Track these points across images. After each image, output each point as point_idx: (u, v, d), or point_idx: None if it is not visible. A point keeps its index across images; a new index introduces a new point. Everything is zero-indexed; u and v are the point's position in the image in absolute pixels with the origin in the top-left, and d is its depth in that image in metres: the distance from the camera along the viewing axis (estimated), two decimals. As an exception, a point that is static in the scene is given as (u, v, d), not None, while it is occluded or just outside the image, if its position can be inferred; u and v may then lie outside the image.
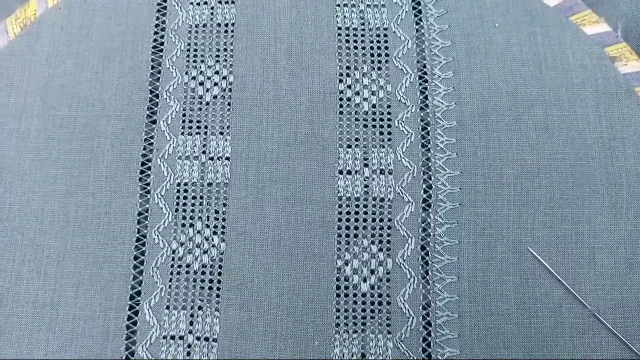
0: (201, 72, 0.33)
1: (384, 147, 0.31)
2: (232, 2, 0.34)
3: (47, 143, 0.32)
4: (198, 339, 0.29)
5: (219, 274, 0.30)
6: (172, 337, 0.29)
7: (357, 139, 0.31)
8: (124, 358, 0.29)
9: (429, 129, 0.31)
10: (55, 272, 0.31)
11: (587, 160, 0.30)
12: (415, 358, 0.29)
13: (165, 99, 0.33)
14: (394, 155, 0.31)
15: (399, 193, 0.31)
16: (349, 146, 0.31)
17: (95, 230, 0.31)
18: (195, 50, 0.33)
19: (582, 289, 0.29)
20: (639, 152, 0.31)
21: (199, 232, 0.31)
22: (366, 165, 0.31)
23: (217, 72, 0.33)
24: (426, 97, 0.32)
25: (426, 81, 0.32)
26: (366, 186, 0.31)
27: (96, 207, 0.31)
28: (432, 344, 0.29)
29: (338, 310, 0.29)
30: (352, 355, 0.29)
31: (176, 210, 0.31)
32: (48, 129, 0.33)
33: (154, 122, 0.32)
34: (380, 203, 0.31)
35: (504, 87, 0.32)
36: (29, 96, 0.33)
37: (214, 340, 0.29)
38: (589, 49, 0.32)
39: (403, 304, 0.29)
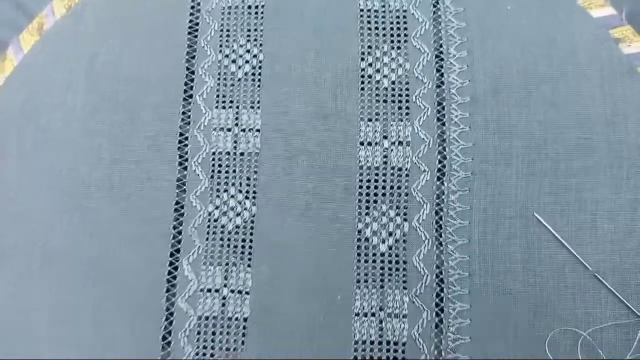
0: (233, 50, 0.37)
1: (402, 120, 0.35)
2: (263, -14, 0.38)
3: (92, 115, 0.36)
4: (232, 291, 0.33)
5: (251, 234, 0.34)
6: (209, 290, 0.34)
7: (377, 113, 0.35)
8: (164, 309, 0.33)
9: (444, 104, 0.35)
10: (101, 232, 0.35)
11: (591, 134, 0.34)
12: (429, 311, 0.32)
13: (201, 75, 0.36)
14: (412, 128, 0.35)
15: (415, 163, 0.34)
16: (370, 120, 0.35)
17: (138, 194, 0.35)
18: (228, 30, 0.37)
19: (584, 251, 0.32)
20: (639, 127, 0.34)
21: (232, 196, 0.35)
22: (385, 137, 0.35)
23: (248, 51, 0.37)
24: (442, 75, 0.35)
25: (442, 60, 0.36)
26: (385, 156, 0.34)
27: (139, 174, 0.35)
28: (444, 299, 0.33)
29: (359, 268, 0.33)
30: (372, 309, 0.33)
31: (212, 176, 0.35)
32: (93, 102, 0.36)
33: (191, 96, 0.36)
34: (398, 172, 0.34)
35: (515, 66, 0.35)
36: (74, 72, 0.37)
37: (247, 293, 0.33)
38: (595, 31, 0.35)
39: (418, 263, 0.33)
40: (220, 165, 0.35)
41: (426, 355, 0.32)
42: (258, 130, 0.35)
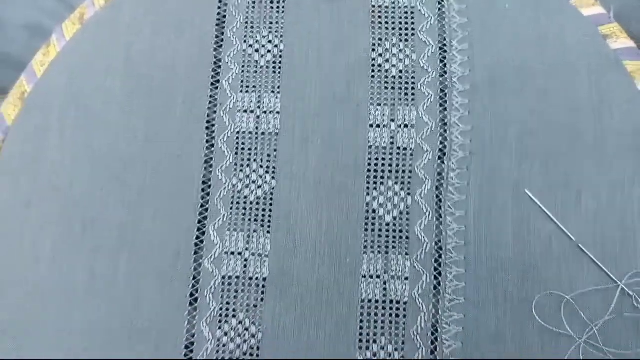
0: (257, 41, 0.41)
1: (408, 105, 0.39)
2: (284, -17, 0.42)
3: (129, 98, 0.41)
4: (253, 255, 0.38)
5: (270, 204, 0.39)
6: (232, 253, 0.38)
7: (385, 99, 0.40)
8: (192, 269, 0.38)
9: (446, 91, 0.39)
10: (136, 202, 0.39)
11: (578, 121, 0.38)
12: (428, 275, 0.37)
13: (227, 63, 0.41)
14: (416, 112, 0.39)
15: (419, 144, 0.39)
16: (379, 104, 0.39)
17: (169, 169, 0.39)
18: (252, 22, 0.42)
19: (569, 225, 0.37)
20: (623, 114, 0.38)
21: (254, 171, 0.39)
22: (392, 120, 0.39)
23: (270, 41, 0.41)
24: (445, 65, 0.40)
25: (445, 52, 0.40)
26: (392, 137, 0.39)
27: (170, 151, 0.40)
28: (442, 264, 0.37)
29: (366, 236, 0.38)
30: (377, 272, 0.37)
31: (236, 153, 0.40)
32: (130, 86, 0.41)
33: (218, 81, 0.41)
34: (404, 151, 0.39)
35: (511, 58, 0.39)
36: (112, 58, 0.42)
37: (266, 256, 0.38)
38: (585, 27, 0.40)
39: (419, 232, 0.37)
40: (243, 144, 0.40)
41: (425, 313, 0.36)
42: (278, 113, 0.40)
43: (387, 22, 0.40)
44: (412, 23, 0.40)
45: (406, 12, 0.41)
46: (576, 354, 0.34)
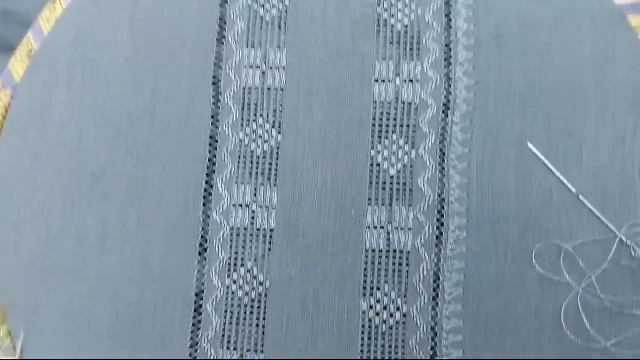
0: (262, -4, 0.42)
1: (413, 60, 0.40)
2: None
3: (136, 54, 0.42)
4: (260, 207, 0.39)
5: (277, 159, 0.40)
6: (240, 206, 0.39)
7: (390, 54, 0.40)
8: (201, 221, 0.39)
9: (451, 46, 0.40)
10: (144, 155, 0.40)
11: (581, 75, 0.39)
12: (431, 225, 0.38)
13: (233, 19, 0.42)
14: (421, 67, 0.40)
15: (423, 98, 0.39)
16: (384, 59, 0.40)
17: (176, 124, 0.40)
18: (258, -22, 0.42)
19: (570, 177, 0.38)
20: (626, 69, 0.39)
21: (260, 126, 0.40)
22: (397, 75, 0.40)
23: (275, -3, 0.42)
24: (450, 20, 0.40)
25: (450, 7, 0.40)
26: (397, 92, 0.40)
27: (178, 105, 0.41)
28: (444, 216, 0.38)
29: (371, 189, 0.39)
30: (381, 223, 0.38)
31: (242, 108, 0.40)
32: (136, 43, 0.42)
33: (224, 37, 0.41)
34: (408, 106, 0.39)
35: (515, 13, 0.40)
36: (119, 15, 0.42)
37: (273, 208, 0.39)
38: (590, -18, 0.40)
39: (423, 185, 0.38)
40: (249, 99, 0.40)
41: (427, 262, 0.37)
42: (284, 69, 0.40)
43: (392, -23, 0.41)
44: (418, -23, 0.41)
45: (412, -34, 0.41)
46: (574, 302, 0.35)
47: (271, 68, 0.40)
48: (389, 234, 0.38)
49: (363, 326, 0.37)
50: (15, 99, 0.41)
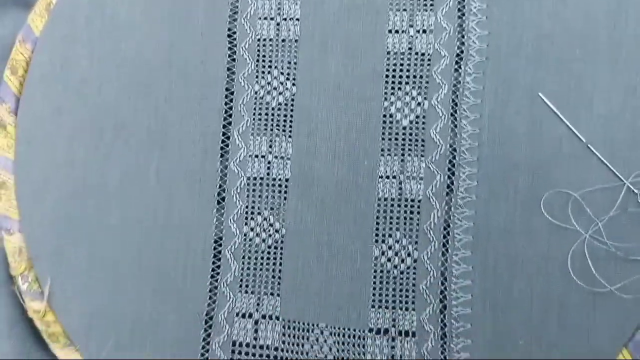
0: (276, -52, 0.42)
1: (426, 10, 0.40)
2: None
3: (152, 8, 0.42)
4: (276, 157, 0.40)
5: (291, 110, 0.41)
6: (256, 156, 0.40)
7: (404, 4, 0.40)
8: (218, 170, 0.40)
9: (464, -4, 0.40)
10: (163, 107, 0.41)
11: (594, 26, 0.39)
12: (442, 175, 0.39)
13: (247, -30, 0.42)
14: (435, 17, 0.40)
15: (437, 49, 0.40)
16: (398, 10, 0.40)
17: (192, 74, 0.41)
18: None
19: (580, 126, 0.38)
20: (638, 19, 0.39)
21: (275, 77, 0.41)
22: (411, 26, 0.40)
23: (289, -52, 0.42)
24: (463, -30, 0.40)
25: (464, -44, 0.40)
26: (410, 43, 0.40)
27: (194, 57, 0.41)
28: (455, 165, 0.39)
29: (383, 140, 0.40)
30: (393, 172, 0.39)
31: (257, 60, 0.41)
32: (153, -5, 0.42)
33: (238, -11, 0.42)
34: (422, 57, 0.40)
35: (529, -37, 0.40)
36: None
37: (288, 159, 0.40)
38: None
39: (435, 135, 0.39)
40: (264, 50, 0.41)
41: (437, 210, 0.38)
42: (298, 20, 0.41)
43: None
44: None
45: None
46: (581, 248, 0.37)
47: (285, 19, 0.41)
48: (400, 183, 0.39)
49: (375, 271, 0.39)
50: (36, 53, 0.43)
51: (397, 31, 0.40)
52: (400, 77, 0.40)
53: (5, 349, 0.41)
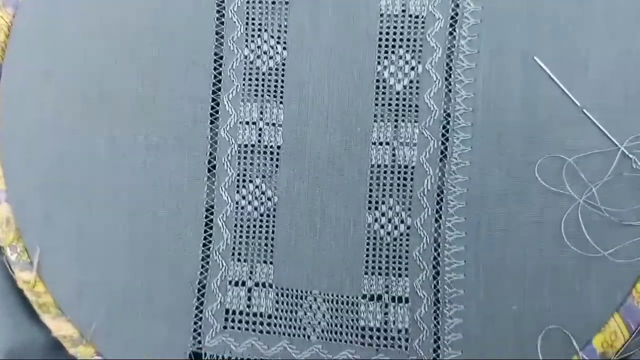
0: None
1: (420, -28, 0.39)
2: None
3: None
4: (267, 124, 0.40)
5: (282, 75, 0.40)
6: (247, 123, 0.40)
7: (397, -34, 0.39)
8: (208, 137, 0.39)
9: (458, -43, 0.39)
10: (151, 71, 0.40)
11: (590, -13, 0.38)
12: (435, 141, 0.38)
13: None
14: (428, -21, 0.39)
15: (431, 11, 0.39)
16: (391, -29, 0.39)
17: (181, 38, 0.40)
18: None
19: (575, 91, 0.38)
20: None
21: (265, 41, 0.40)
22: (404, -12, 0.39)
23: None
24: None
25: None
26: (403, 5, 0.39)
27: (181, 20, 0.40)
28: (449, 131, 0.39)
29: (377, 105, 0.39)
30: (386, 139, 0.39)
31: (246, 23, 0.40)
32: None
33: (225, -50, 0.40)
34: (415, 19, 0.39)
35: None
36: None
37: (279, 125, 0.39)
38: None
39: (429, 100, 0.39)
40: (254, 12, 0.40)
41: (431, 176, 0.38)
42: (288, -19, 0.40)
43: None
44: None
45: None
46: (575, 213, 0.36)
47: (275, -18, 0.40)
48: (394, 149, 0.39)
49: (368, 238, 0.39)
50: (18, 17, 0.41)
51: (390, -7, 0.39)
52: (394, 40, 0.39)
53: (-4, 320, 0.40)
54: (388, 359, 0.38)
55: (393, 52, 0.39)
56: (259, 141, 0.39)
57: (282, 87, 0.39)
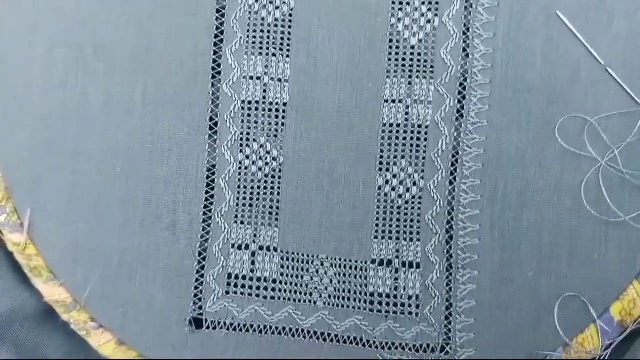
0: None
1: None
2: None
3: None
4: (272, 79, 0.37)
5: (289, 26, 0.37)
6: (251, 78, 0.37)
7: None
8: (210, 92, 0.37)
9: None
10: (147, 24, 0.38)
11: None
12: (452, 98, 0.36)
13: None
14: None
15: (447, -38, 0.36)
16: None
17: (181, -11, 0.37)
18: None
19: (599, 48, 0.36)
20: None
21: (271, -9, 0.37)
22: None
23: None
24: None
25: None
26: (419, -46, 0.36)
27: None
28: (467, 88, 0.36)
29: (389, 60, 0.37)
30: (400, 96, 0.36)
31: (251, -29, 0.37)
32: None
33: None
34: (431, -31, 0.36)
35: None
36: None
37: (286, 80, 0.37)
38: None
39: (445, 55, 0.36)
40: (259, -40, 0.37)
41: (446, 136, 0.36)
42: None
43: None
44: None
45: None
46: (595, 176, 0.35)
47: None
48: (407, 107, 0.36)
49: (378, 201, 0.37)
50: (2, -38, 0.38)
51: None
52: (409, -8, 0.36)
53: (-16, 285, 0.38)
54: (398, 325, 0.36)
55: (408, 4, 0.36)
56: (264, 97, 0.37)
57: (288, 39, 0.37)
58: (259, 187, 0.38)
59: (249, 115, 0.38)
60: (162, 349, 0.37)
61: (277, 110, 0.37)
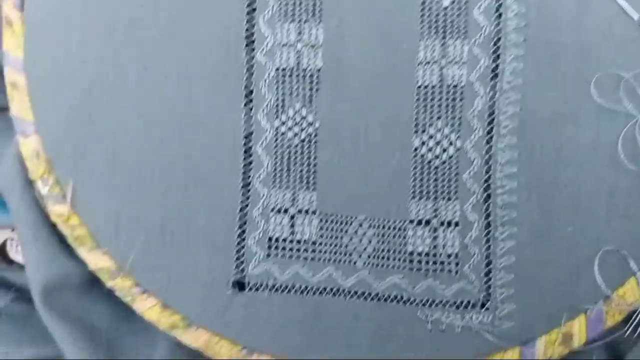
0: None
1: None
2: None
3: None
4: (305, 45, 0.37)
5: (321, -5, 0.37)
6: (284, 45, 0.38)
7: None
8: (245, 62, 0.37)
9: None
10: (179, -2, 0.38)
11: None
12: (486, 58, 0.36)
13: None
14: None
15: None
16: None
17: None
18: None
19: (634, 2, 0.35)
20: None
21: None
22: None
23: None
24: None
25: None
26: None
27: None
28: (501, 47, 0.37)
29: (423, 22, 0.37)
30: (434, 57, 0.37)
31: None
32: None
33: None
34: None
35: None
36: None
37: (319, 46, 0.37)
38: None
39: (479, 15, 0.36)
40: None
41: (482, 96, 0.36)
42: None
43: None
44: None
45: None
46: (632, 131, 0.35)
47: None
48: (442, 68, 0.37)
49: (415, 162, 0.37)
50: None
51: None
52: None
53: (32, 256, 0.39)
54: (437, 283, 0.36)
55: (439, -34, 0.36)
56: (298, 64, 0.37)
57: (321, 4, 0.37)
58: (295, 152, 0.38)
59: (283, 82, 0.38)
60: (206, 312, 0.38)
61: (311, 76, 0.38)
